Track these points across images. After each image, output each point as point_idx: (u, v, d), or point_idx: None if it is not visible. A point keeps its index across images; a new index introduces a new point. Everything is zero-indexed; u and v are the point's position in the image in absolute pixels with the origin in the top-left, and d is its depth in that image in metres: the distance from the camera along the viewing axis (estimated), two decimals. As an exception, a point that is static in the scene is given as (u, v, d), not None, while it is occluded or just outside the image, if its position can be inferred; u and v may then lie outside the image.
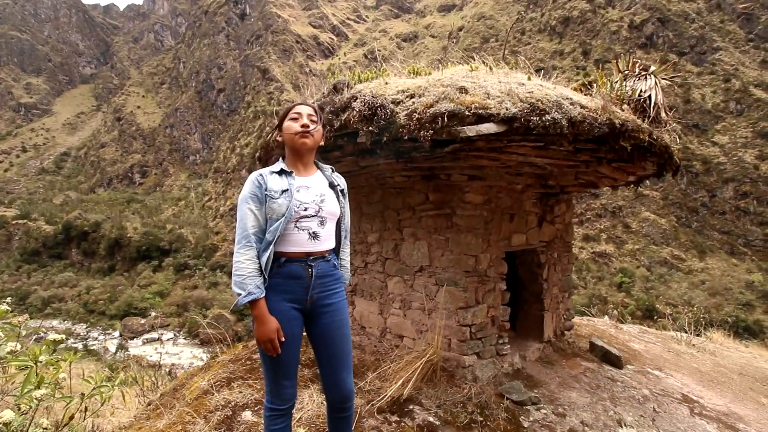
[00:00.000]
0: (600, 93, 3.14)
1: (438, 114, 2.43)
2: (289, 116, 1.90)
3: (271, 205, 1.76)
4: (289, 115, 1.90)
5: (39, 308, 43.96)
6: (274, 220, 1.76)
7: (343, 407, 1.90)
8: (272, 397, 1.82)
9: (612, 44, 52.01)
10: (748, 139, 42.39)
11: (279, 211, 1.76)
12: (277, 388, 1.80)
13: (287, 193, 1.79)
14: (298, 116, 1.88)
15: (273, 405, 1.82)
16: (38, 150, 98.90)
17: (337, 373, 1.86)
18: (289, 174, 1.86)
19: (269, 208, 1.76)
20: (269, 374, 1.82)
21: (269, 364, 1.79)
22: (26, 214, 62.16)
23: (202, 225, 60.64)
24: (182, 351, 31.76)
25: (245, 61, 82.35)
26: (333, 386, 1.87)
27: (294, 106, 1.93)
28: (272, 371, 1.80)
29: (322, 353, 1.87)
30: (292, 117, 1.89)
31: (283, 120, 1.92)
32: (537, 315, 4.30)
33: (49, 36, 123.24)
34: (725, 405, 3.92)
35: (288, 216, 1.77)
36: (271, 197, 1.76)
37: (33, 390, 1.86)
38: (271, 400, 1.82)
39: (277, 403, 1.81)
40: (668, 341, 6.00)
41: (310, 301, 1.81)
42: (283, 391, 1.81)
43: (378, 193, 4.01)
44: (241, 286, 1.68)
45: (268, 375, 1.82)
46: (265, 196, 1.77)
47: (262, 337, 1.69)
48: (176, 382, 3.34)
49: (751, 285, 34.10)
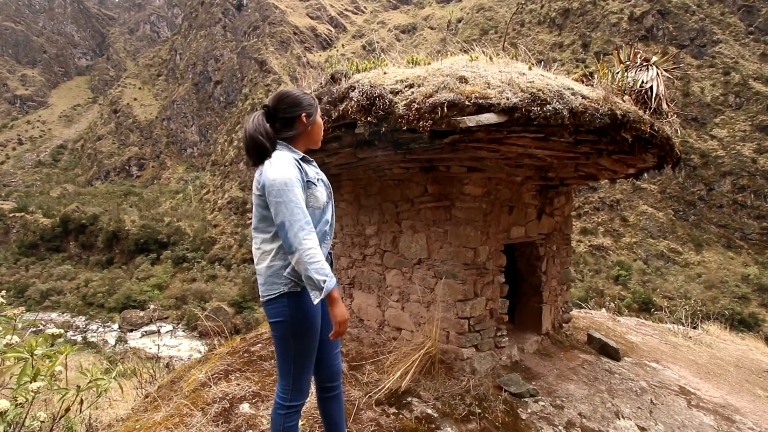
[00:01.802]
0: (601, 83, 3.10)
1: (437, 104, 2.39)
2: (318, 112, 1.94)
3: (315, 193, 1.74)
4: (318, 112, 1.93)
5: (38, 301, 43.92)
6: (316, 208, 1.75)
7: (334, 386, 1.96)
8: (294, 395, 1.78)
9: (612, 36, 51.65)
10: (746, 133, 42.34)
11: (321, 199, 1.77)
12: (300, 383, 1.78)
13: (321, 180, 1.82)
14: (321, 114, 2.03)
15: (293, 402, 1.78)
16: (34, 142, 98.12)
17: (331, 353, 1.94)
18: (309, 161, 1.87)
19: (312, 195, 1.73)
20: (296, 370, 1.76)
21: (300, 358, 1.75)
22: (23, 206, 61.83)
23: (200, 218, 60.47)
24: (181, 343, 31.85)
25: (242, 53, 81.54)
26: (327, 365, 1.93)
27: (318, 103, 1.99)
28: (300, 366, 1.76)
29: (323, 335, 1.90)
30: (320, 114, 1.95)
31: (316, 113, 1.91)
32: (535, 307, 4.30)
33: (44, 27, 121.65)
34: (722, 397, 3.94)
35: (326, 203, 1.80)
36: (313, 184, 1.75)
37: (29, 382, 1.85)
38: (291, 397, 1.77)
39: (297, 399, 1.79)
40: (665, 334, 6.02)
41: None
42: (306, 386, 1.81)
43: (376, 185, 3.98)
44: (323, 271, 1.58)
45: (295, 371, 1.76)
46: (307, 182, 1.73)
47: (345, 316, 1.64)
48: (174, 375, 3.33)
49: (747, 278, 34.30)
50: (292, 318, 1.70)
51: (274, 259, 1.72)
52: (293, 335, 1.72)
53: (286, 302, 1.70)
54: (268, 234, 1.74)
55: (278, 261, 1.72)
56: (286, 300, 1.70)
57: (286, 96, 1.83)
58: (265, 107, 1.82)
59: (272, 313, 1.73)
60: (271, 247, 1.73)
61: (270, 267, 1.73)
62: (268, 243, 1.74)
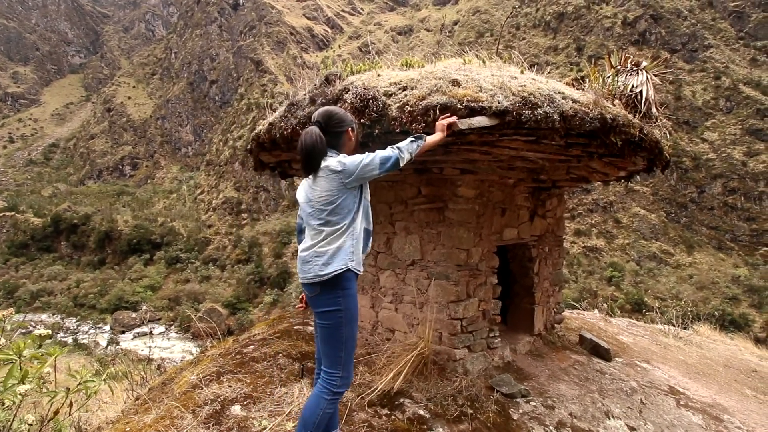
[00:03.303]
0: (592, 87, 3.14)
1: (430, 106, 2.41)
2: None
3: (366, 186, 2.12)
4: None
5: (28, 302, 43.35)
6: (366, 200, 2.11)
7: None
8: (343, 382, 1.92)
9: (605, 40, 52.12)
10: (736, 136, 42.89)
11: (367, 196, 2.14)
12: (350, 370, 1.94)
13: None
14: None
15: (342, 389, 1.93)
16: (26, 141, 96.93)
17: None
18: None
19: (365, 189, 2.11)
20: (347, 357, 1.91)
21: (350, 346, 1.91)
22: (14, 206, 61.03)
23: (194, 218, 60.03)
24: (174, 345, 31.62)
25: (238, 53, 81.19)
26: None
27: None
28: (350, 353, 1.92)
29: None
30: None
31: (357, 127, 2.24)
32: (528, 309, 4.33)
33: (36, 24, 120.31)
34: (710, 396, 3.99)
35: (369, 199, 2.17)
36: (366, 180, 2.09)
37: (16, 385, 1.83)
38: (341, 384, 1.91)
39: (345, 386, 1.94)
40: (656, 334, 6.09)
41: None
42: (352, 373, 1.98)
43: (370, 186, 3.99)
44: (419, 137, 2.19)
45: (346, 358, 1.91)
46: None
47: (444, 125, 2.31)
48: (165, 377, 3.31)
49: (738, 279, 34.71)
50: (346, 305, 1.89)
51: (345, 241, 1.95)
52: (346, 323, 1.89)
53: (341, 290, 1.88)
54: (342, 223, 1.97)
55: (348, 240, 1.95)
56: (342, 287, 1.89)
57: (335, 113, 2.11)
58: (318, 122, 2.07)
59: (326, 302, 1.91)
60: (344, 233, 1.96)
61: (340, 247, 1.93)
62: (341, 230, 1.96)
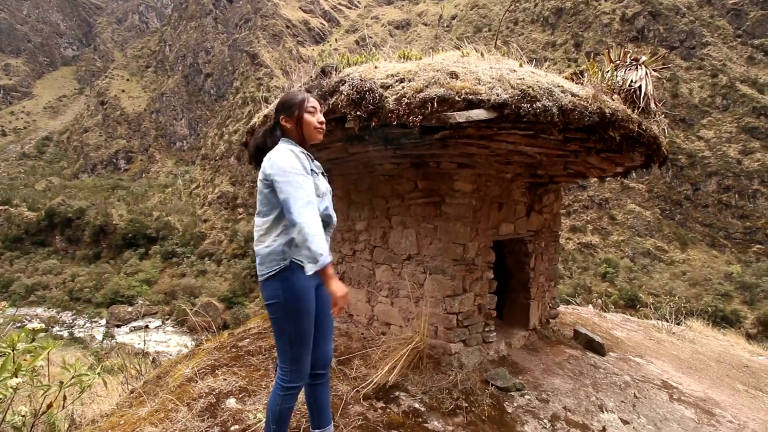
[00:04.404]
0: (591, 82, 3.13)
1: (427, 99, 2.39)
2: (306, 109, 1.99)
3: (316, 182, 1.88)
4: (306, 108, 1.99)
5: (23, 296, 43.09)
6: (317, 196, 1.86)
7: (323, 373, 2.07)
8: (293, 377, 1.87)
9: (604, 36, 52.08)
10: (732, 134, 43.13)
11: (321, 188, 1.91)
12: (299, 365, 1.87)
13: (322, 174, 1.98)
14: (314, 110, 2.01)
15: (291, 383, 1.88)
16: (18, 134, 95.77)
17: (327, 341, 2.07)
18: (311, 158, 1.99)
19: (314, 184, 1.85)
20: (294, 352, 1.86)
21: (296, 339, 1.85)
22: (7, 200, 60.38)
23: (190, 212, 59.75)
24: (170, 339, 31.56)
25: (233, 46, 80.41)
26: (323, 353, 2.04)
27: (307, 97, 2.03)
28: (297, 347, 1.86)
29: (317, 322, 1.98)
30: (309, 110, 1.99)
31: (300, 110, 1.98)
32: (523, 303, 4.34)
33: (28, 15, 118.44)
34: (703, 391, 4.03)
35: (325, 194, 1.94)
36: (315, 174, 1.90)
37: (9, 378, 1.81)
38: (291, 379, 1.87)
39: (296, 380, 1.88)
40: (650, 329, 6.13)
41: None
42: (305, 367, 1.90)
43: (367, 180, 3.97)
44: (322, 247, 1.67)
45: (293, 353, 1.86)
46: (311, 171, 1.87)
47: (345, 290, 1.73)
48: (160, 370, 3.30)
49: (730, 276, 35.10)
50: (285, 299, 1.80)
51: (275, 240, 1.83)
52: (287, 317, 1.82)
53: (280, 282, 1.80)
54: (269, 217, 1.85)
55: (279, 239, 1.83)
56: (282, 279, 1.80)
57: (276, 102, 2.03)
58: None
59: (267, 295, 1.83)
60: (272, 229, 1.85)
61: (269, 247, 1.83)
62: (270, 225, 1.86)
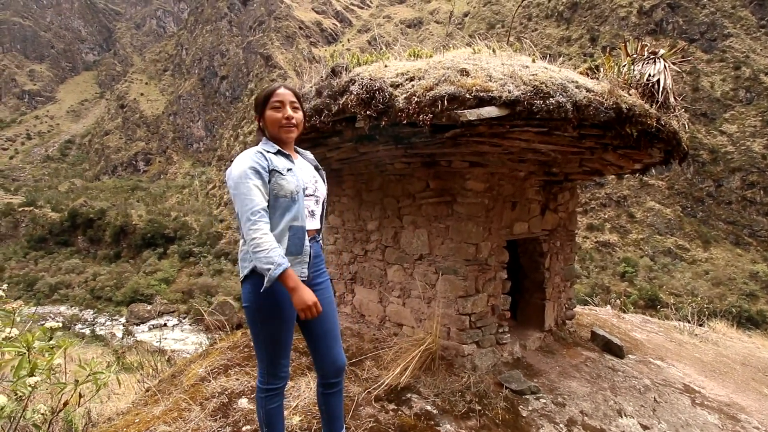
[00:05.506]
0: (607, 77, 3.03)
1: (438, 97, 2.35)
2: (270, 105, 1.85)
3: (279, 182, 1.76)
4: (270, 104, 1.86)
5: (47, 294, 44.49)
6: (282, 196, 1.77)
7: (337, 381, 1.97)
8: (269, 378, 1.84)
9: (620, 30, 50.88)
10: (756, 128, 41.63)
11: (288, 188, 1.78)
12: (274, 367, 1.84)
13: (292, 171, 1.82)
14: (281, 105, 1.85)
15: (269, 385, 1.85)
16: (43, 137, 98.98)
17: (333, 347, 1.94)
18: (286, 155, 1.87)
19: (277, 184, 1.76)
20: (267, 354, 1.83)
21: (269, 343, 1.81)
22: (32, 201, 62.45)
23: (207, 213, 60.77)
24: (187, 337, 32.12)
25: (248, 48, 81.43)
26: (330, 361, 1.94)
27: (273, 91, 1.86)
28: (271, 351, 1.82)
29: (318, 329, 1.92)
30: (274, 106, 1.85)
31: (264, 107, 1.87)
32: (538, 304, 4.26)
33: (51, 22, 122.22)
34: (727, 395, 3.89)
35: (295, 193, 1.79)
36: (279, 173, 1.77)
37: (26, 376, 1.85)
38: (267, 380, 1.85)
39: (273, 382, 1.85)
40: (671, 331, 5.96)
41: (308, 279, 1.85)
42: (281, 370, 1.86)
43: (378, 180, 3.95)
44: (268, 260, 1.59)
45: (266, 355, 1.83)
46: (272, 171, 1.76)
47: (306, 302, 1.63)
48: (175, 369, 3.34)
49: (756, 275, 33.92)
50: (255, 302, 1.76)
51: (244, 245, 1.79)
52: (259, 320, 1.78)
53: (252, 287, 1.76)
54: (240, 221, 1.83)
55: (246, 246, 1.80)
56: (253, 284, 1.75)
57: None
58: None
59: (243, 297, 1.81)
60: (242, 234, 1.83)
61: (242, 250, 1.82)
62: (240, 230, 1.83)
